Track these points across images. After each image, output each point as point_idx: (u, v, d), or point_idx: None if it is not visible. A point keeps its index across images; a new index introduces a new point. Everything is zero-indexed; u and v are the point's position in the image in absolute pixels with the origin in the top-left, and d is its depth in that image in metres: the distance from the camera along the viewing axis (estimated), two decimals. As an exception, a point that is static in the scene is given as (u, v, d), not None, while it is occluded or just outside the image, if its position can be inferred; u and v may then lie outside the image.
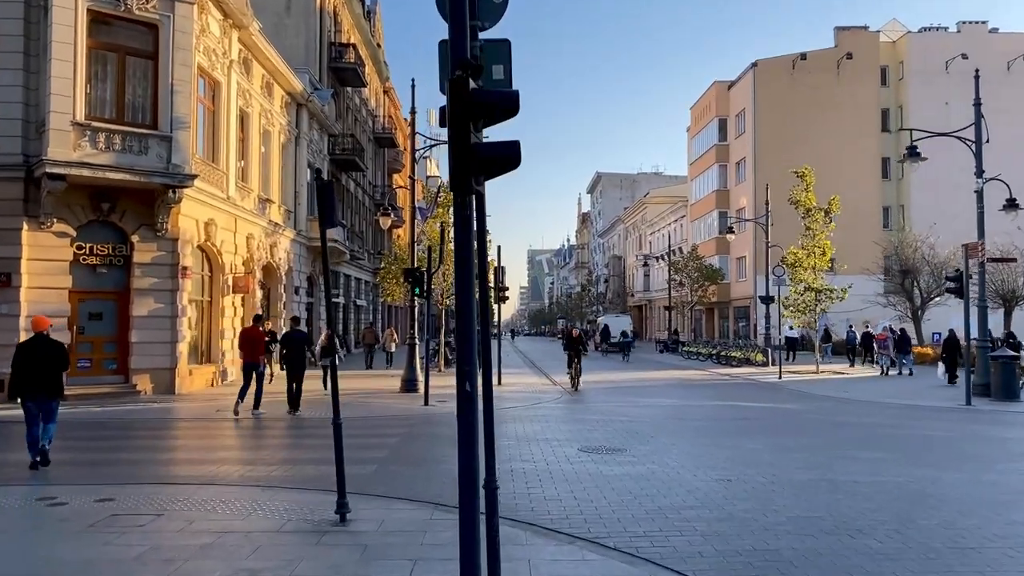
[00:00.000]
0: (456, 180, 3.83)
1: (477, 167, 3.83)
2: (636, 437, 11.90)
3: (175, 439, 12.41)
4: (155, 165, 17.28)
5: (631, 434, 12.23)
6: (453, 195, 3.97)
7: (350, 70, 36.51)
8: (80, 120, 16.39)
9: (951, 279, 19.06)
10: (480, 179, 3.93)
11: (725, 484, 8.32)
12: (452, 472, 9.42)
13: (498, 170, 3.97)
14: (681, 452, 10.49)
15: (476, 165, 3.82)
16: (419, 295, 18.44)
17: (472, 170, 3.79)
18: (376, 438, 11.87)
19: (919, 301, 39.05)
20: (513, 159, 3.92)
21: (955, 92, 49.32)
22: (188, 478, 8.85)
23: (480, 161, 3.87)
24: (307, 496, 7.81)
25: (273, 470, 9.25)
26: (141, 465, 9.74)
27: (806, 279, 28.20)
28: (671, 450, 10.63)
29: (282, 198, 27.65)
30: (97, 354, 17.94)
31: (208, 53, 20.20)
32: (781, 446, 11.06)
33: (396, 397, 18.32)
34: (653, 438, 11.83)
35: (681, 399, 18.89)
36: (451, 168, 3.81)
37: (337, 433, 6.83)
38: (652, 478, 8.64)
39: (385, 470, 9.21)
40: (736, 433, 12.69)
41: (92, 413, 15.11)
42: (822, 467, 9.37)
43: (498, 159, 3.93)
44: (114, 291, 18.04)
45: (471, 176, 3.80)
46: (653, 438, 11.83)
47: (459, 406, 4.08)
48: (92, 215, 17.50)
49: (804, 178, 29.01)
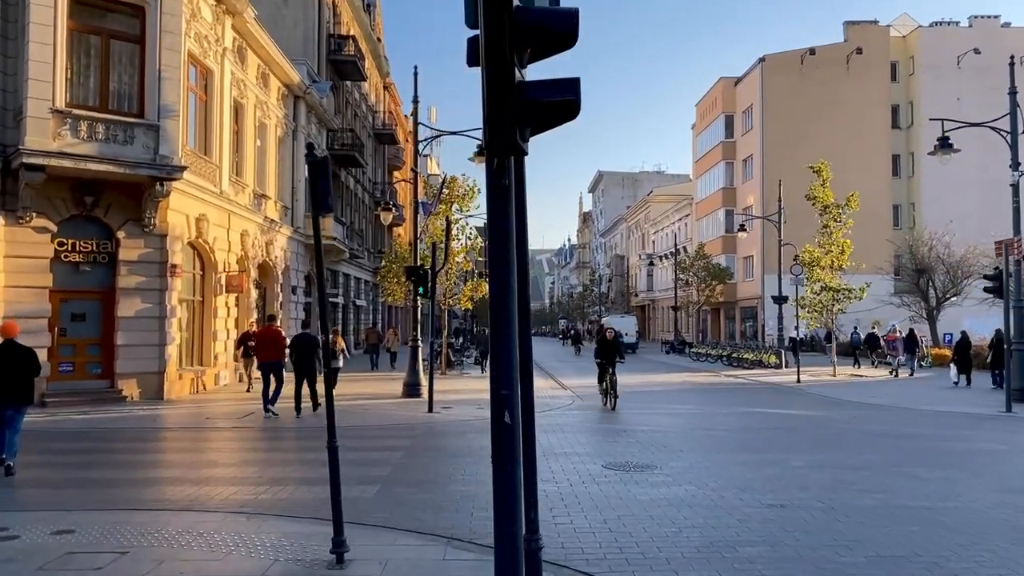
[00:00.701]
0: (493, 133, 2.76)
1: (523, 113, 2.75)
2: (664, 451, 10.82)
3: (157, 452, 11.32)
4: (141, 156, 16.19)
5: (658, 447, 11.15)
6: (487, 156, 2.89)
7: (350, 63, 35.41)
8: (60, 107, 15.31)
9: (989, 278, 17.91)
10: (525, 132, 2.84)
11: (779, 511, 7.24)
12: (465, 494, 8.38)
13: (552, 118, 2.90)
14: (719, 470, 9.40)
15: (522, 110, 2.74)
16: (422, 295, 17.36)
17: (516, 117, 2.71)
18: (377, 452, 10.79)
19: (934, 301, 38.03)
20: (572, 104, 2.85)
21: (967, 87, 48.34)
22: (164, 502, 7.77)
23: (527, 106, 2.80)
24: (299, 527, 6.73)
25: (262, 492, 8.17)
26: (114, 485, 8.65)
27: (823, 278, 27.15)
28: (707, 467, 9.55)
29: (279, 194, 26.57)
30: (80, 357, 16.84)
31: (199, 39, 19.10)
32: (828, 463, 9.97)
33: (398, 403, 17.23)
34: (683, 452, 10.75)
35: (701, 405, 17.81)
36: (486, 116, 2.73)
37: (333, 458, 5.75)
38: (694, 503, 7.56)
39: (388, 492, 8.13)
40: (773, 446, 11.61)
41: (73, 421, 14.02)
42: (884, 489, 8.29)
43: (553, 104, 2.85)
44: (98, 290, 16.94)
45: (514, 127, 2.72)
46: (683, 452, 10.75)
47: (496, 446, 3.01)
48: (74, 209, 16.41)
49: (821, 173, 27.93)
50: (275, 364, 14.77)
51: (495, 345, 3.03)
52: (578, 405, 17.39)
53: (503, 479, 2.99)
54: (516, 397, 2.95)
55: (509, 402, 2.91)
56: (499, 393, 2.93)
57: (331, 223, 29.63)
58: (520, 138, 2.74)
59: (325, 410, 5.96)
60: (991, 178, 47.88)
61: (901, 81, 53.07)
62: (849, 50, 51.41)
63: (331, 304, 34.09)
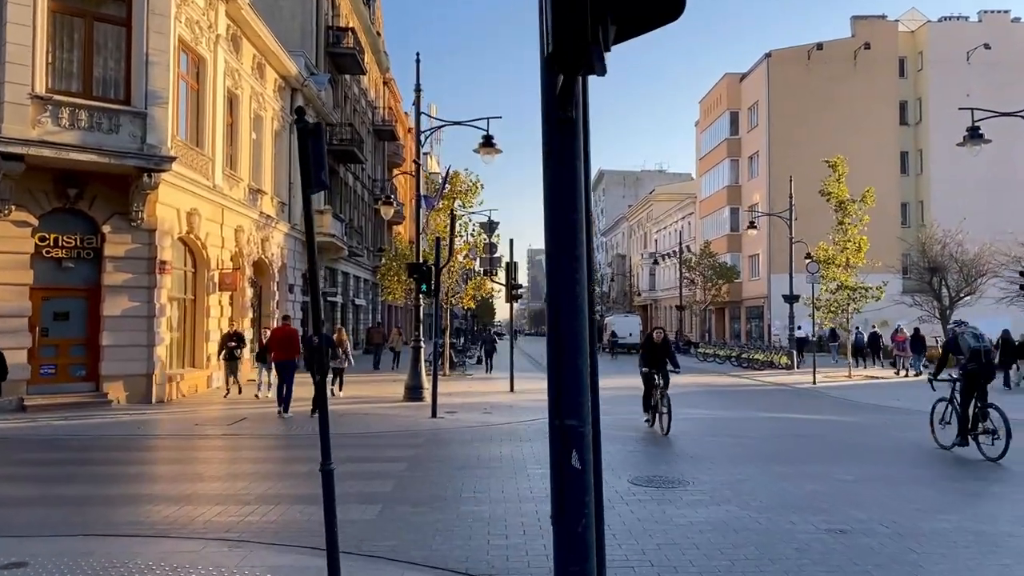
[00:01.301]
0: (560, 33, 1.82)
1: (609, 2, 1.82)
2: (692, 462, 9.90)
3: (138, 464, 10.39)
4: (128, 145, 15.26)
5: (684, 458, 10.24)
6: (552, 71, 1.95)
7: (349, 56, 34.47)
8: (40, 93, 14.38)
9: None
10: (608, 32, 1.89)
11: (840, 538, 6.33)
12: (478, 516, 7.37)
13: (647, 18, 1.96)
14: (757, 485, 8.48)
15: (608, 0, 1.81)
16: (425, 292, 16.44)
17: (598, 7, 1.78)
18: (379, 463, 9.87)
19: (947, 301, 37.10)
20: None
21: (977, 83, 47.44)
22: (139, 526, 6.84)
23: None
24: (289, 558, 5.82)
25: (249, 512, 7.24)
26: (86, 503, 7.73)
27: (838, 276, 26.26)
28: (744, 482, 8.63)
29: (275, 189, 25.63)
30: (63, 359, 15.90)
31: (191, 25, 18.17)
32: (877, 476, 9.06)
33: (399, 407, 16.31)
34: (713, 463, 9.83)
35: (718, 409, 16.88)
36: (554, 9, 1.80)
37: (327, 483, 4.81)
38: (740, 527, 6.64)
39: (391, 513, 7.20)
40: (810, 457, 10.70)
41: (52, 428, 13.10)
42: (951, 509, 7.38)
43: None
44: (83, 288, 16.01)
45: (596, 25, 1.79)
46: (713, 463, 9.83)
47: (557, 497, 2.09)
48: (57, 202, 15.48)
49: (836, 168, 27.05)
50: (290, 363, 14.72)
51: (559, 351, 2.11)
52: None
53: (569, 543, 2.09)
54: (589, 431, 2.04)
55: (579, 438, 2.01)
56: (564, 425, 2.02)
57: (329, 220, 28.72)
58: (600, 41, 1.81)
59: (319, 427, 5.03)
60: (1001, 176, 47.11)
61: (909, 77, 52.15)
62: (857, 45, 50.47)
63: (329, 303, 33.16)
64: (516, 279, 22.17)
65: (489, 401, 17.61)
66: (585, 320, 2.05)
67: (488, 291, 31.43)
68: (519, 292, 23.22)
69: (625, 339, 48.25)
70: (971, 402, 10.42)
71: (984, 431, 10.18)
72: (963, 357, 10.60)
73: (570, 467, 2.04)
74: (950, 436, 10.79)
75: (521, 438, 11.98)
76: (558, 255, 2.06)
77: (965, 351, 10.55)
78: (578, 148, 2.01)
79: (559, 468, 2.06)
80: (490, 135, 17.22)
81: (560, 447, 2.05)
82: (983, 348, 10.50)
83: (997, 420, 9.96)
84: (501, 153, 17.54)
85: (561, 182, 2.04)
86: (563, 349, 2.05)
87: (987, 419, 10.16)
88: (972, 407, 10.39)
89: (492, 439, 11.93)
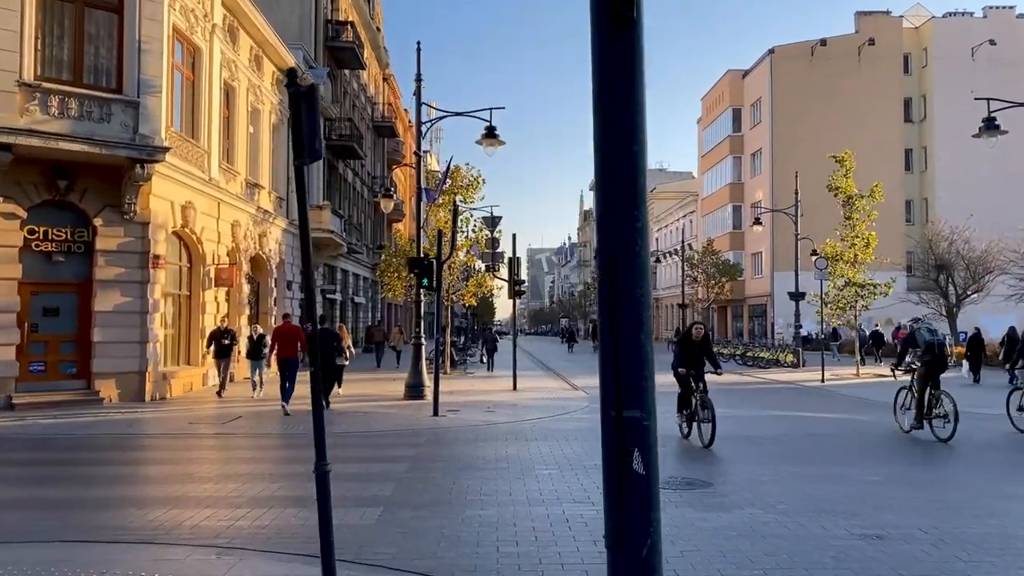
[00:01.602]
0: None
1: None
2: (710, 462, 9.44)
3: (127, 464, 9.91)
4: (119, 135, 14.78)
5: (701, 458, 9.77)
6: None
7: (348, 50, 33.97)
8: (29, 80, 13.91)
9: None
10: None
11: (878, 545, 5.85)
12: (484, 520, 6.74)
13: None
14: (781, 487, 8.01)
15: None
16: (426, 287, 15.98)
17: None
18: (379, 464, 9.40)
19: (954, 298, 36.65)
20: None
21: (981, 79, 46.91)
22: (123, 531, 6.38)
23: None
24: (281, 568, 5.35)
25: (240, 516, 6.77)
26: (70, 507, 7.27)
27: (846, 273, 25.79)
28: (766, 483, 8.16)
29: (273, 183, 25.15)
30: (53, 356, 15.43)
31: (186, 13, 17.69)
32: (904, 477, 8.62)
33: (400, 405, 15.85)
34: (732, 464, 9.37)
35: (728, 408, 16.33)
36: None
37: (322, 485, 4.35)
38: (769, 533, 6.17)
39: (393, 517, 6.73)
40: (830, 457, 10.23)
41: (40, 426, 12.64)
42: (990, 512, 6.91)
43: None
44: (73, 282, 15.54)
45: None
46: (732, 464, 9.37)
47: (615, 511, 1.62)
48: (47, 194, 15.00)
49: (843, 163, 26.56)
50: (293, 360, 14.62)
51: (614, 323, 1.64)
52: (595, 408, 15.97)
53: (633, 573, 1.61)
54: (654, 425, 1.58)
55: (642, 434, 1.55)
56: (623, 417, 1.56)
57: (328, 215, 28.24)
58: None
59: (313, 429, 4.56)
60: (1006, 172, 46.63)
61: (914, 73, 51.73)
62: (861, 41, 50.04)
63: (328, 300, 32.69)
64: (519, 275, 21.71)
65: (492, 400, 17.15)
66: (647, 283, 1.59)
67: (489, 288, 30.95)
68: (521, 289, 22.75)
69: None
70: (927, 389, 11.28)
71: (937, 415, 11.10)
72: (920, 350, 11.48)
73: (631, 471, 1.58)
74: (910, 420, 11.64)
75: (527, 437, 11.52)
76: (612, 197, 1.61)
77: (921, 345, 11.43)
78: (640, 59, 1.56)
79: (617, 474, 1.60)
80: (492, 125, 16.76)
81: (616, 446, 1.58)
82: (936, 342, 11.38)
83: (948, 406, 10.92)
84: (504, 144, 17.07)
85: (616, 103, 1.59)
86: (620, 321, 1.59)
87: (940, 404, 11.09)
88: (927, 394, 11.25)
89: (496, 438, 11.46)
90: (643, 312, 1.56)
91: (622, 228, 1.56)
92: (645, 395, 1.56)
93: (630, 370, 1.55)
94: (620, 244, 1.57)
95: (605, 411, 1.64)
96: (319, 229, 27.35)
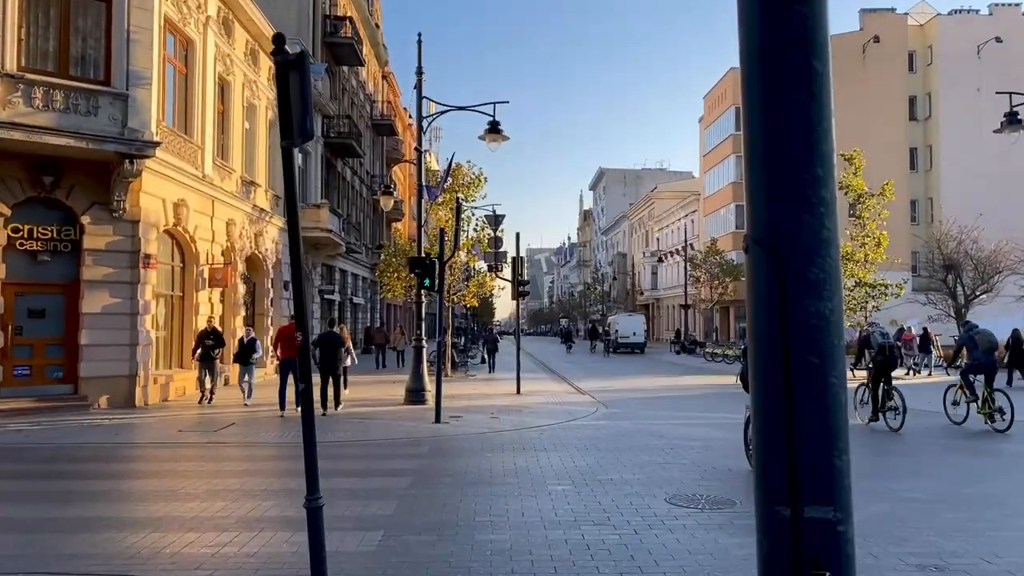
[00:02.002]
0: None
1: None
2: (732, 477, 8.82)
3: (109, 478, 9.27)
4: (107, 129, 14.17)
5: (722, 472, 9.14)
6: None
7: (346, 46, 33.34)
8: (11, 71, 13.30)
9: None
10: None
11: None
12: (497, 547, 5.48)
13: None
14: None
15: None
16: (428, 287, 15.35)
17: None
18: (379, 478, 8.78)
19: (962, 299, 36.03)
20: None
21: (987, 77, 46.35)
22: (93, 560, 5.75)
23: None
24: (270, 608, 4.72)
25: (227, 542, 6.14)
26: (37, 530, 6.64)
27: (856, 273, 25.22)
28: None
29: (269, 181, 24.51)
30: (38, 359, 14.81)
31: (178, 4, 17.07)
32: (947, 494, 7.99)
33: (401, 411, 15.23)
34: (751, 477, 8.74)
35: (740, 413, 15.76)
36: None
37: (313, 522, 3.72)
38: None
39: (396, 543, 6.11)
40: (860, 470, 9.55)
41: (21, 435, 12.00)
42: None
43: None
44: (60, 283, 14.93)
45: None
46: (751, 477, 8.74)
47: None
48: (31, 190, 14.40)
49: (852, 161, 26.01)
50: (293, 362, 14.21)
51: (782, 351, 1.01)
52: (604, 414, 15.39)
53: None
54: (851, 530, 0.96)
55: (835, 547, 0.91)
56: (803, 520, 0.91)
57: (326, 214, 27.62)
58: None
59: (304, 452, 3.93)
60: (1012, 171, 46.04)
61: (919, 71, 51.13)
62: (865, 39, 49.44)
63: (326, 301, 32.07)
64: (523, 275, 21.10)
65: (495, 404, 16.54)
66: (838, 291, 0.98)
67: (490, 288, 30.33)
68: (526, 290, 22.14)
69: (628, 338, 47.13)
70: (879, 386, 12.69)
71: (889, 408, 12.51)
72: (874, 351, 12.86)
73: None
74: (866, 414, 12.98)
75: (535, 447, 10.90)
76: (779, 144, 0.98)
77: (875, 346, 12.85)
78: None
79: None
80: (496, 120, 16.13)
81: (793, 563, 0.93)
82: (888, 344, 12.92)
83: (898, 400, 12.34)
84: (508, 140, 16.45)
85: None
86: (795, 353, 0.96)
87: (891, 399, 12.49)
88: (880, 390, 12.66)
89: (503, 448, 10.84)
90: (832, 338, 0.95)
91: (790, 201, 0.93)
92: (837, 479, 0.94)
93: (813, 438, 0.93)
94: (787, 216, 0.95)
95: (766, 504, 1.00)
96: (317, 228, 26.74)
